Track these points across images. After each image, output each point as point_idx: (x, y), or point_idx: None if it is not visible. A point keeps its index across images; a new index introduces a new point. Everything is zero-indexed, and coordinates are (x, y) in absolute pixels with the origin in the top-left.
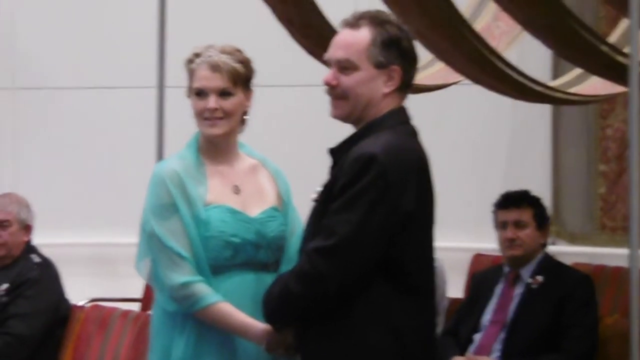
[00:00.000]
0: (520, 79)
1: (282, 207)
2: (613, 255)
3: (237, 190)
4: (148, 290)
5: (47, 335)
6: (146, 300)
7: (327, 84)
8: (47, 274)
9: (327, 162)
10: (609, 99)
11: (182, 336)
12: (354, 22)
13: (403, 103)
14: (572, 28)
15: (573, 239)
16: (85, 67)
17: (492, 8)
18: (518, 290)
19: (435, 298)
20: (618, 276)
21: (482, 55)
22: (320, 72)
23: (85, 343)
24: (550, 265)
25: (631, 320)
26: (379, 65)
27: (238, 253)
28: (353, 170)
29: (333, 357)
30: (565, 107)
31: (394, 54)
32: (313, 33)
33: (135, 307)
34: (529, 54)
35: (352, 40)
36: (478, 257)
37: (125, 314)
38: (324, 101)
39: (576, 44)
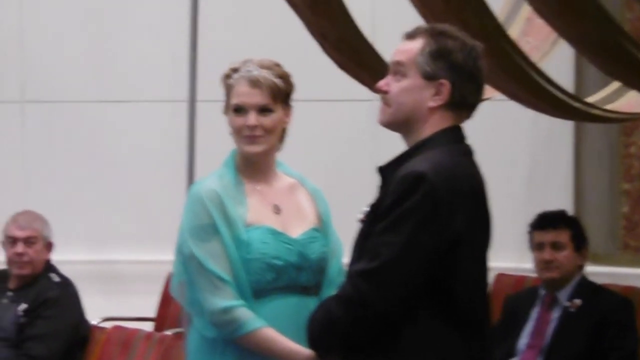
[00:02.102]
0: (559, 94)
1: (322, 227)
2: (636, 275)
3: (277, 210)
4: (162, 310)
5: (67, 357)
6: (160, 320)
7: (379, 89)
8: (67, 293)
9: (363, 179)
10: None
11: None
12: (412, 34)
13: (459, 123)
14: (623, 45)
15: (595, 259)
16: (100, 80)
17: (520, 24)
18: (555, 314)
19: (488, 329)
20: None
21: (522, 71)
22: (353, 88)
23: None
24: (588, 288)
25: None
26: (427, 76)
27: (280, 276)
28: (400, 189)
29: None
30: (588, 124)
31: (442, 66)
32: (347, 48)
33: (149, 326)
34: (550, 69)
35: (406, 48)
36: (500, 277)
37: (149, 335)
38: (360, 117)
39: (626, 62)
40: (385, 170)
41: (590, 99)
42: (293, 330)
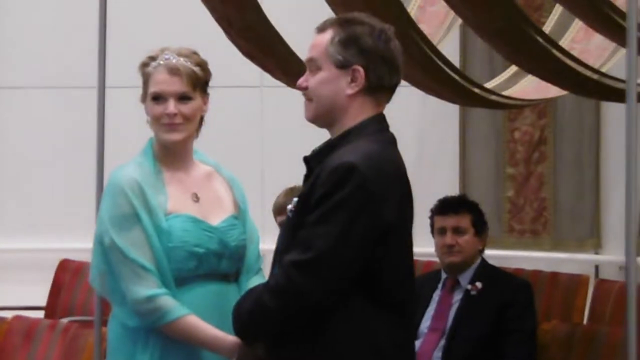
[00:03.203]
0: (462, 81)
1: (240, 214)
2: (520, 258)
3: (196, 198)
4: (52, 298)
5: None
6: (50, 309)
7: (299, 86)
8: None
9: (252, 164)
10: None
11: (145, 352)
12: (322, 26)
13: (380, 108)
14: (527, 33)
15: None
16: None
17: (413, 12)
18: (457, 297)
19: (412, 310)
20: (536, 279)
21: (428, 58)
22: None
23: (9, 357)
24: (488, 272)
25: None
26: (339, 65)
27: (202, 264)
28: (331, 180)
29: None
30: (473, 109)
31: (353, 52)
32: (253, 35)
33: (40, 315)
34: None
35: (317, 42)
36: None
37: (53, 325)
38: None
39: (529, 49)
40: (312, 161)
41: (488, 85)
42: (214, 317)
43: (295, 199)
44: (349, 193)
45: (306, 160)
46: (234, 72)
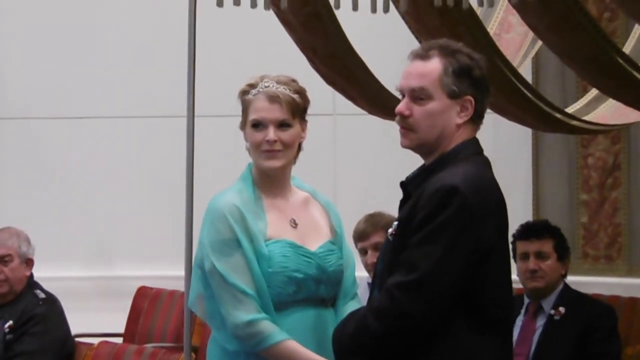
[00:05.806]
0: (544, 106)
1: (336, 240)
2: (595, 283)
3: (294, 224)
4: (130, 325)
5: None
6: (129, 335)
7: (400, 113)
8: (53, 309)
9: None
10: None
11: None
12: (424, 53)
13: (475, 133)
14: (614, 59)
15: None
16: (76, 95)
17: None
18: (540, 322)
19: (511, 332)
20: (614, 305)
21: (512, 84)
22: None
23: None
24: (571, 296)
25: None
26: (453, 95)
27: (301, 289)
28: (433, 202)
29: None
30: (546, 135)
31: (466, 83)
32: (337, 63)
33: (118, 342)
34: None
35: (425, 70)
36: None
37: (140, 350)
38: None
39: (616, 76)
40: (409, 185)
41: (570, 110)
42: (313, 342)
43: (395, 223)
44: (451, 214)
45: (403, 185)
46: None
